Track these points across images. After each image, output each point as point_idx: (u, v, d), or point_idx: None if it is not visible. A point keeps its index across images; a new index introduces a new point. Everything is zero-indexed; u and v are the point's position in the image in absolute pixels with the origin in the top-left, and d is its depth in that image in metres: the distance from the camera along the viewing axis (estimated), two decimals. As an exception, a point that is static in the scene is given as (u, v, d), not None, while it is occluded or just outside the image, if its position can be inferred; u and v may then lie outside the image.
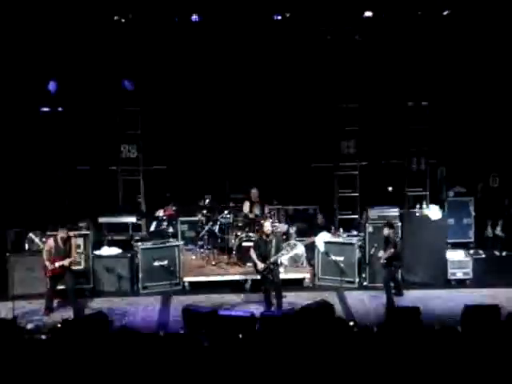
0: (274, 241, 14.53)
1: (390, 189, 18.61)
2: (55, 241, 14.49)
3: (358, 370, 8.53)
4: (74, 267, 14.81)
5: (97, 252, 16.14)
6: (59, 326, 10.93)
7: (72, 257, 14.52)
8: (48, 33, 16.84)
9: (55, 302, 14.88)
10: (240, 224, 16.87)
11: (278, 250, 14.57)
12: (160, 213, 17.46)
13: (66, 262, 14.35)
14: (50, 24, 16.66)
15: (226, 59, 17.94)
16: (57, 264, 14.31)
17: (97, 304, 15.01)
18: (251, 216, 16.81)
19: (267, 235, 14.58)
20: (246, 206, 16.93)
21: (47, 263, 14.36)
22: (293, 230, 17.14)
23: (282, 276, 15.59)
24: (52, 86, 17.63)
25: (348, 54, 17.73)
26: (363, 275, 16.14)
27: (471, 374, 8.57)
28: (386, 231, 14.92)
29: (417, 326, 10.81)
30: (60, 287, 15.23)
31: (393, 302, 14.46)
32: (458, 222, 17.98)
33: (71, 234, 14.85)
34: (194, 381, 8.73)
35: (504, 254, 17.82)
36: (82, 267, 15.79)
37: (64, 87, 17.70)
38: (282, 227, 17.01)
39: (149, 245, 16.22)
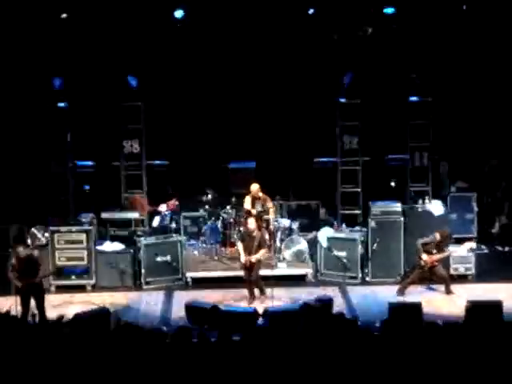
0: (256, 237, 14.64)
1: (393, 184, 18.60)
2: (17, 257, 13.41)
3: (360, 366, 8.54)
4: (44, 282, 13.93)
5: (99, 247, 16.17)
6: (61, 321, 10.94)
7: (40, 273, 13.50)
8: (52, 29, 16.84)
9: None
10: (242, 219, 16.86)
11: (260, 246, 14.71)
12: (162, 208, 17.46)
13: (36, 280, 13.37)
14: (54, 21, 16.66)
15: (229, 54, 17.92)
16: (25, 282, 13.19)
17: (99, 299, 15.02)
18: (253, 212, 16.76)
19: (251, 231, 14.74)
20: (248, 202, 16.89)
21: (15, 282, 13.30)
22: (295, 225, 17.15)
23: (285, 272, 15.71)
24: (56, 81, 17.64)
25: (351, 50, 17.68)
26: (366, 270, 16.15)
27: (473, 369, 8.58)
28: (437, 237, 14.88)
29: (418, 322, 10.82)
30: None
31: None
32: (461, 217, 17.93)
33: (34, 250, 13.96)
34: (198, 376, 8.74)
35: (507, 249, 17.82)
36: (84, 262, 15.88)
37: (67, 83, 17.69)
38: (285, 222, 17.02)
39: (151, 240, 16.23)
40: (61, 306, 14.74)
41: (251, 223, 14.91)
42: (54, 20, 16.66)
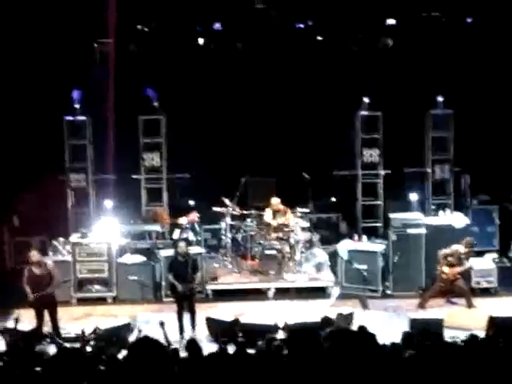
0: (190, 262, 14.11)
1: (413, 197, 18.50)
2: (29, 269, 13.34)
3: (379, 381, 8.48)
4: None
5: (120, 260, 16.22)
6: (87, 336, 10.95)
7: (55, 283, 13.44)
8: (71, 41, 16.97)
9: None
10: (263, 232, 16.84)
11: (195, 270, 14.15)
12: (183, 220, 17.47)
13: (49, 290, 13.29)
14: (72, 33, 16.78)
15: (248, 68, 17.98)
16: (39, 294, 13.17)
17: (119, 312, 15.04)
18: (274, 224, 16.73)
19: (183, 256, 14.18)
20: (268, 214, 16.87)
21: (30, 294, 13.23)
22: (316, 237, 17.12)
23: (305, 284, 15.68)
24: (76, 94, 17.74)
25: (371, 62, 17.68)
26: (386, 283, 16.08)
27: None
28: (461, 249, 14.83)
29: (439, 336, 10.74)
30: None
31: None
32: (483, 230, 17.84)
33: (45, 259, 13.93)
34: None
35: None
36: (105, 275, 15.94)
37: (88, 96, 17.79)
38: (305, 235, 16.99)
39: (172, 253, 16.25)
40: (81, 318, 14.80)
41: (182, 247, 14.20)
42: (72, 32, 16.76)
